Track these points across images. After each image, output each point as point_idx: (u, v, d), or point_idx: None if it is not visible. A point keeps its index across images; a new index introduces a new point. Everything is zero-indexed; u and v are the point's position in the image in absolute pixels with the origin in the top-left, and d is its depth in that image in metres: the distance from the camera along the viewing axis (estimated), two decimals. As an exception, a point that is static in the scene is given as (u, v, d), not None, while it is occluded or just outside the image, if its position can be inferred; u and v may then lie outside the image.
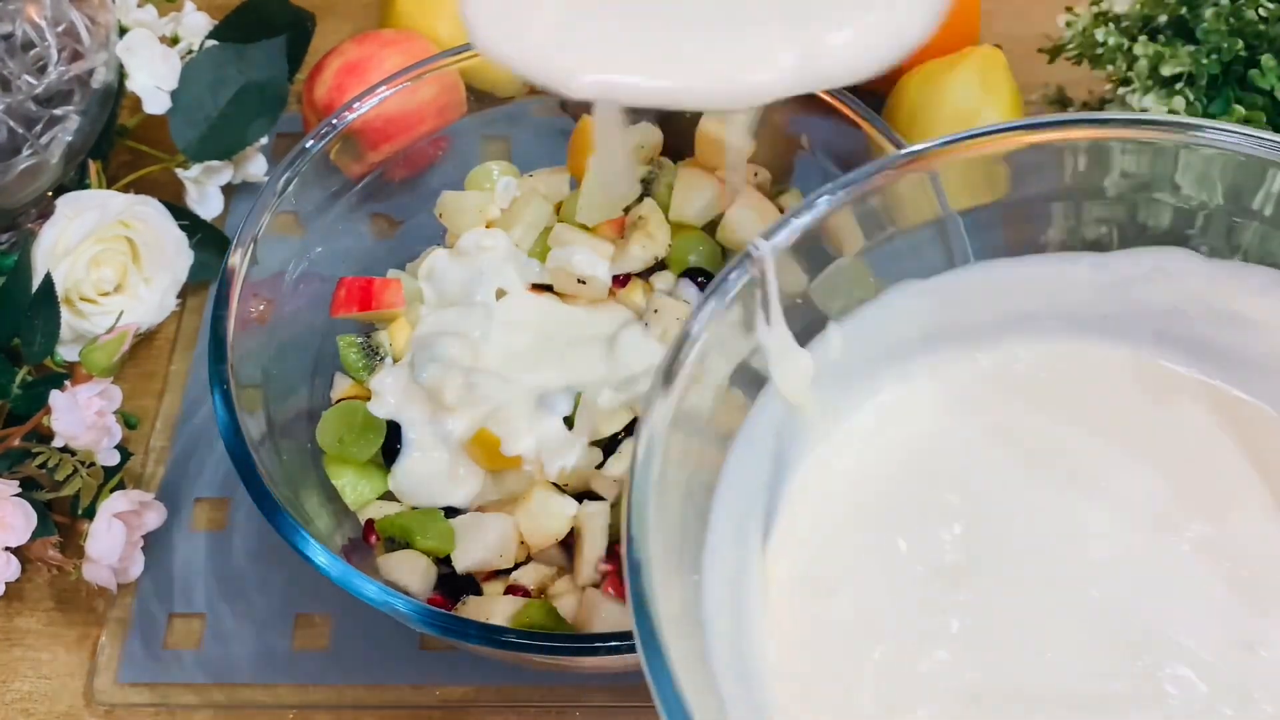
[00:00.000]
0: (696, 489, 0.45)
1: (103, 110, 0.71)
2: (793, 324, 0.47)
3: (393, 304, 0.65)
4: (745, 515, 0.47)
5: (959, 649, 0.45)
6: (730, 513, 0.46)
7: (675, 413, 0.43)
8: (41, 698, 0.63)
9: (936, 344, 0.51)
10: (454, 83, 0.68)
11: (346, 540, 0.60)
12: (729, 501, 0.46)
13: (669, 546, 0.42)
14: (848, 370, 0.49)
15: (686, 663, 0.39)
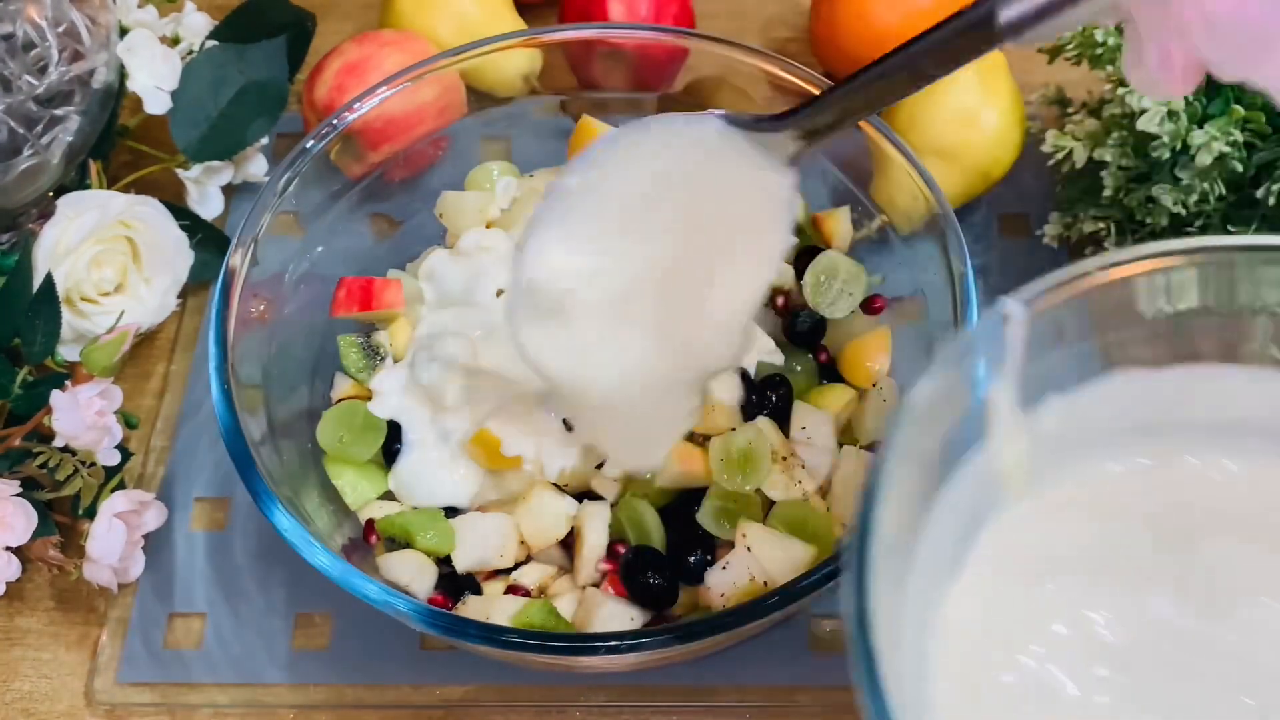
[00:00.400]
0: (907, 524, 0.45)
1: (103, 110, 0.71)
2: (1020, 387, 0.48)
3: (393, 304, 0.65)
4: (939, 557, 0.48)
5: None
6: (930, 550, 0.46)
7: (903, 455, 0.44)
8: (42, 697, 0.63)
9: (1149, 435, 0.50)
10: (454, 83, 0.68)
11: (347, 540, 0.60)
12: (932, 538, 0.46)
13: (890, 555, 0.42)
14: (1057, 443, 0.49)
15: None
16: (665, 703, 0.62)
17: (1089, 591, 0.48)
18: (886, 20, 0.76)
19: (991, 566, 0.48)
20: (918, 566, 0.45)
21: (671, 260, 0.51)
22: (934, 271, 0.61)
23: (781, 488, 0.60)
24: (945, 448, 0.46)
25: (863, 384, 0.64)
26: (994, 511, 0.49)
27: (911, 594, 0.45)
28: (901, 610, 0.44)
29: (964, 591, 0.48)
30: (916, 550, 0.46)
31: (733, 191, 0.50)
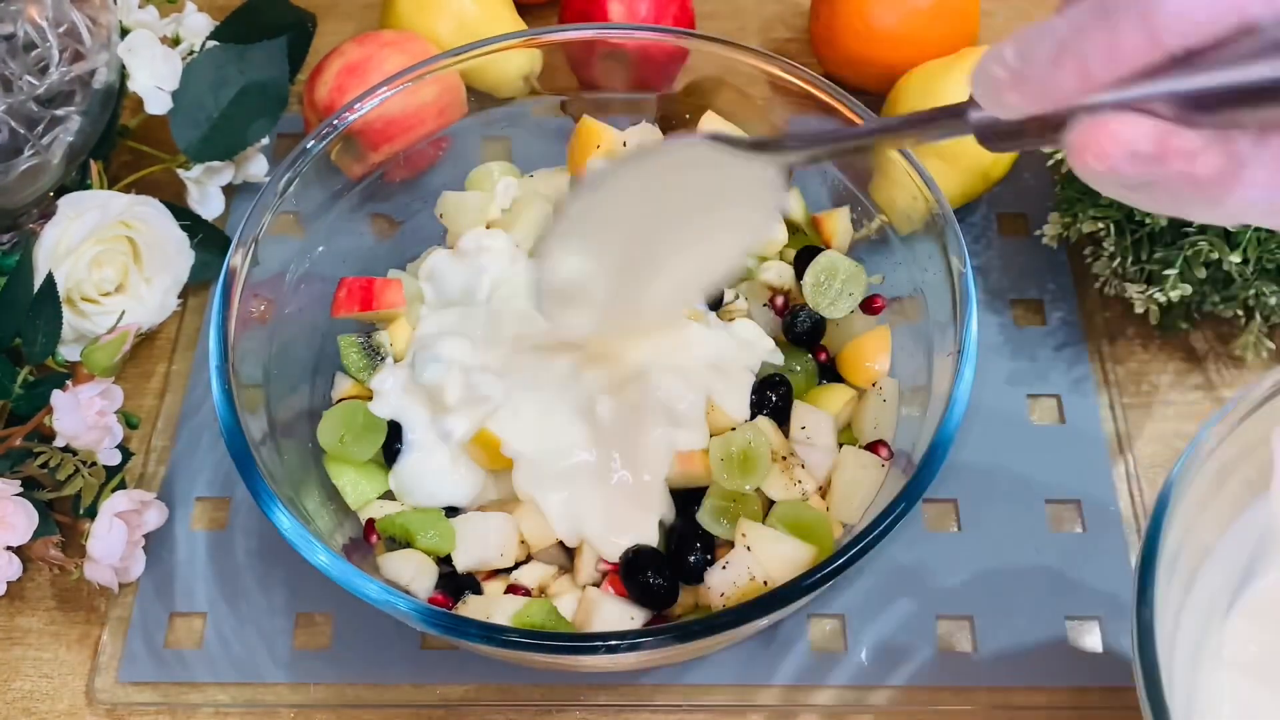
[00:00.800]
0: (1192, 556, 0.47)
1: (104, 111, 0.71)
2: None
3: (393, 304, 0.65)
4: (1219, 589, 0.49)
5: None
6: (1209, 584, 0.48)
7: (1202, 478, 0.46)
8: (43, 696, 0.63)
9: None
10: (454, 83, 0.68)
11: (347, 540, 0.60)
12: (1212, 574, 0.48)
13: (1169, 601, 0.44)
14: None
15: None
16: (665, 703, 0.62)
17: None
18: (886, 20, 0.76)
19: (1264, 608, 0.50)
20: (1194, 600, 0.47)
21: (663, 240, 0.57)
22: (933, 271, 0.61)
23: (781, 488, 0.60)
24: (1235, 497, 0.48)
25: (862, 384, 0.64)
26: (1264, 572, 0.50)
27: (1182, 639, 0.46)
28: (1175, 636, 0.45)
29: (1236, 627, 0.49)
30: (1194, 587, 0.47)
31: (714, 178, 0.54)
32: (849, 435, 0.64)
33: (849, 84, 0.71)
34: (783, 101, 0.67)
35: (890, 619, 0.63)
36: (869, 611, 0.63)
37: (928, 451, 0.54)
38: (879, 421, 0.62)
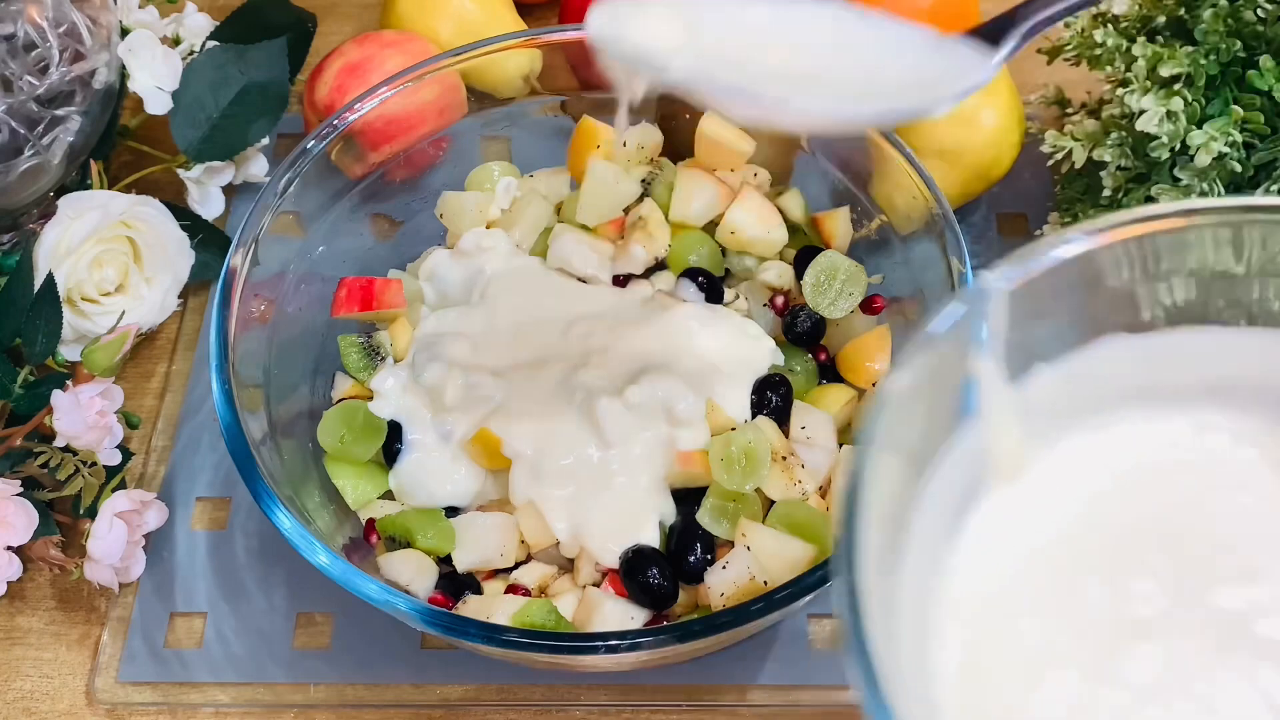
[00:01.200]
0: (899, 499, 0.45)
1: (104, 111, 0.71)
2: (1006, 359, 0.48)
3: (393, 304, 0.65)
4: (936, 532, 0.47)
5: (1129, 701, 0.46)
6: (924, 523, 0.46)
7: (892, 424, 0.43)
8: (43, 696, 0.63)
9: (1136, 402, 0.50)
10: (454, 83, 0.68)
11: (347, 540, 0.60)
12: (926, 514, 0.46)
13: (878, 549, 0.42)
14: (1047, 414, 0.49)
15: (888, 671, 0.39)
16: (665, 703, 0.62)
17: (1081, 569, 0.48)
18: (886, 21, 0.76)
19: (984, 552, 0.48)
20: (909, 558, 0.45)
21: None
22: (933, 271, 0.61)
23: (781, 488, 0.60)
24: (930, 432, 0.46)
25: (863, 384, 0.64)
26: (982, 496, 0.48)
27: (905, 585, 0.44)
28: (895, 601, 0.43)
29: (959, 567, 0.47)
30: (906, 540, 0.45)
31: None
32: (849, 435, 0.64)
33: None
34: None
35: (890, 619, 0.63)
36: (869, 611, 0.63)
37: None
38: (879, 421, 0.62)
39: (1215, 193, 0.63)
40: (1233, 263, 0.49)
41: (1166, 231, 0.48)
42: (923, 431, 0.46)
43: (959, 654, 0.46)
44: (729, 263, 0.68)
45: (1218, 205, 0.49)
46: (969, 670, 0.46)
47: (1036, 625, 0.47)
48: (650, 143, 0.69)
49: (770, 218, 0.67)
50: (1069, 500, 0.49)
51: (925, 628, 0.46)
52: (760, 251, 0.67)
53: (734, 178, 0.68)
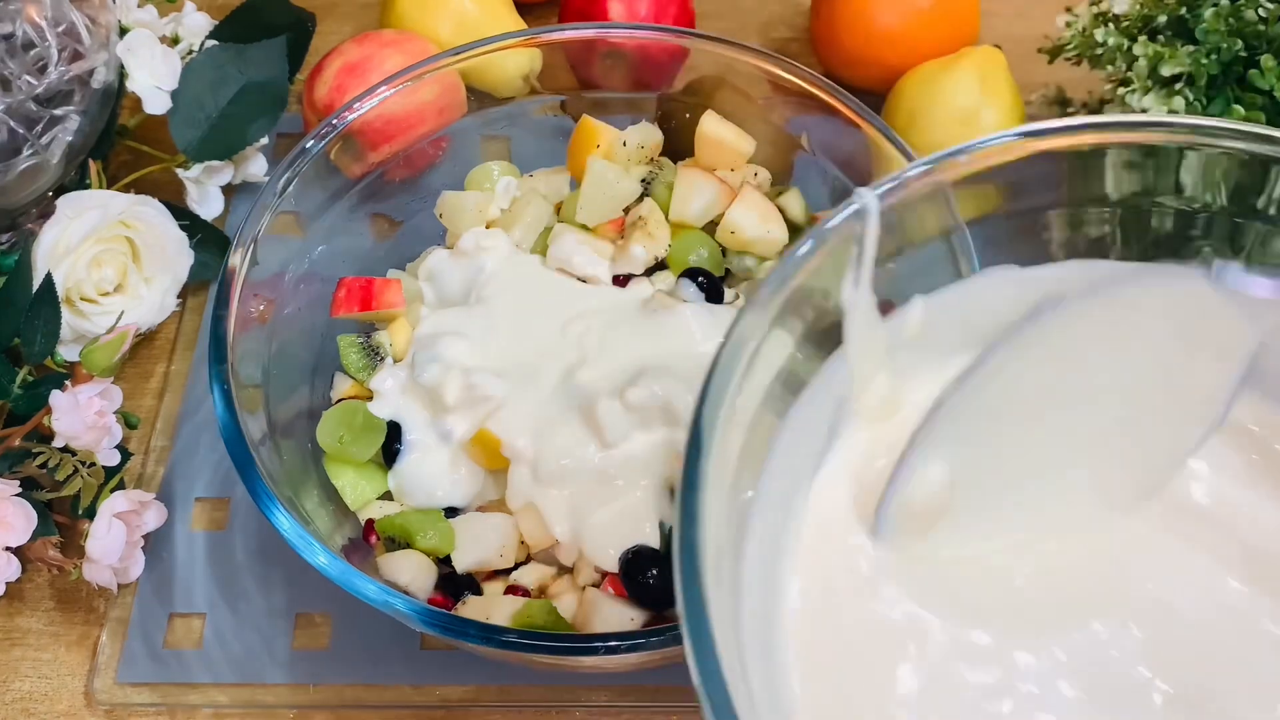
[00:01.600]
0: (761, 422, 0.43)
1: (103, 110, 0.71)
2: (878, 290, 0.45)
3: (393, 304, 0.65)
4: (799, 463, 0.45)
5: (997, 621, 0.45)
6: (787, 455, 0.44)
7: (760, 341, 0.41)
8: (42, 697, 0.63)
9: (1015, 337, 0.49)
10: (454, 83, 0.68)
11: (346, 540, 0.60)
12: (789, 443, 0.44)
13: (724, 469, 0.40)
14: (920, 349, 0.47)
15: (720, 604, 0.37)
16: (665, 703, 0.61)
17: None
18: (886, 20, 0.76)
19: (844, 487, 0.46)
20: (767, 495, 0.43)
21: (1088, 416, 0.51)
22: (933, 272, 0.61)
23: (781, 488, 0.60)
24: (794, 362, 0.44)
25: (863, 384, 0.64)
26: (846, 431, 0.47)
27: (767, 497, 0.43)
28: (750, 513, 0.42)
29: (820, 490, 0.46)
30: (767, 470, 0.43)
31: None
32: (849, 435, 0.64)
33: (849, 84, 0.71)
34: (783, 101, 0.67)
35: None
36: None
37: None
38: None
39: (1216, 192, 0.63)
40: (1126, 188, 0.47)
41: (1068, 149, 0.46)
42: (795, 350, 0.44)
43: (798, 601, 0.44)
44: (729, 263, 0.68)
45: (1123, 121, 0.47)
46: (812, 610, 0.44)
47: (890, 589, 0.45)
48: (650, 143, 0.69)
49: (770, 218, 0.67)
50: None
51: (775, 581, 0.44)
52: (760, 251, 0.67)
53: (734, 177, 0.68)
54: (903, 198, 0.45)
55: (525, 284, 0.66)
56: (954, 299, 0.48)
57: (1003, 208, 0.47)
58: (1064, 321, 0.44)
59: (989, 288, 0.48)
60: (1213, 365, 0.46)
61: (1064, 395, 0.46)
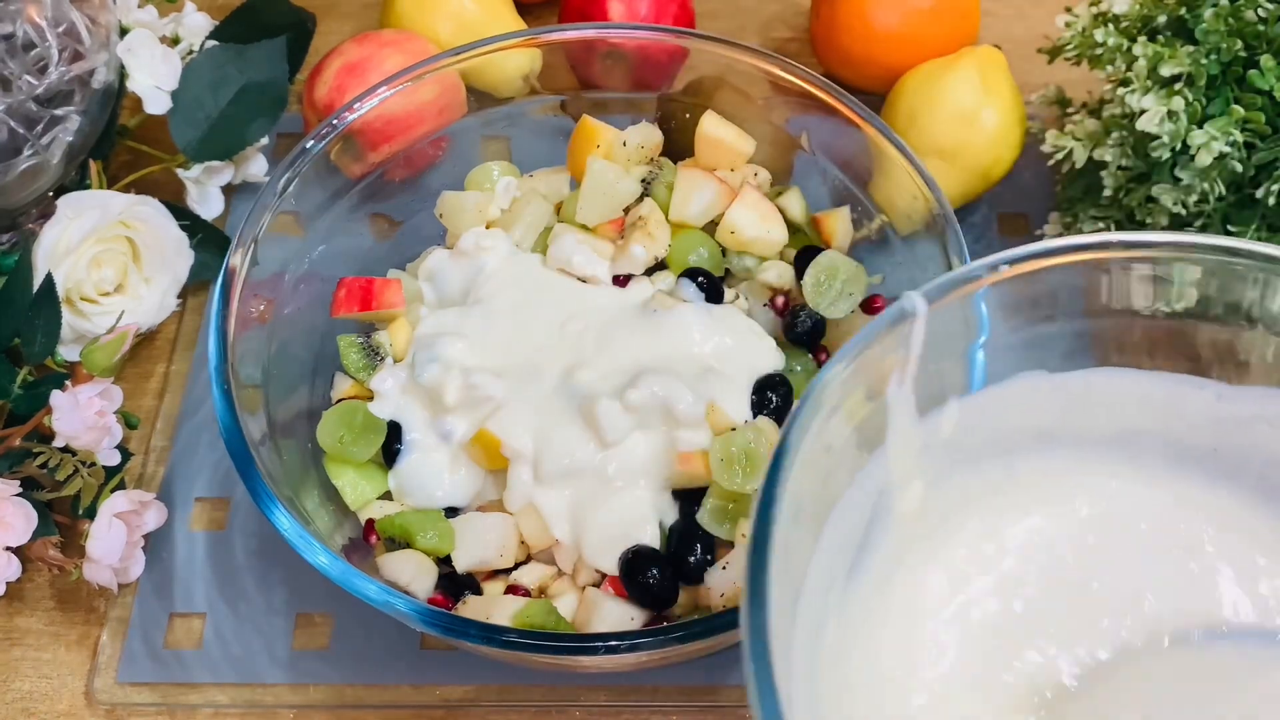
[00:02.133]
0: (809, 516, 0.44)
1: (103, 110, 0.71)
2: (917, 391, 0.46)
3: (393, 304, 0.65)
4: (838, 558, 0.46)
5: None
6: (830, 548, 0.45)
7: (815, 436, 0.42)
8: (42, 697, 0.63)
9: (1047, 447, 0.50)
10: (454, 83, 0.68)
11: (346, 540, 0.60)
12: (832, 540, 0.45)
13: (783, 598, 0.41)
14: (952, 452, 0.48)
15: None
16: (665, 703, 0.62)
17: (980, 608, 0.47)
18: (886, 20, 0.76)
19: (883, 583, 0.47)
20: (818, 564, 0.44)
21: None
22: (934, 271, 0.61)
23: (781, 488, 0.60)
24: (845, 450, 0.45)
25: (863, 384, 0.64)
26: (884, 531, 0.47)
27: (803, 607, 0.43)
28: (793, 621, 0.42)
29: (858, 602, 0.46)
30: (816, 551, 0.44)
31: None
32: (849, 435, 0.64)
33: (849, 84, 0.71)
34: (783, 101, 0.67)
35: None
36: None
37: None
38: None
39: (1216, 192, 0.63)
40: (1157, 301, 0.48)
41: (1106, 262, 0.47)
42: (844, 445, 0.44)
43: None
44: (729, 263, 0.68)
45: (1164, 240, 0.47)
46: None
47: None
48: (650, 142, 0.69)
49: (770, 217, 0.67)
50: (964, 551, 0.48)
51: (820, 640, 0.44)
52: (760, 251, 0.67)
53: (734, 177, 0.68)
54: (952, 299, 0.46)
55: (525, 284, 0.66)
56: (986, 403, 0.48)
57: (1037, 314, 0.48)
58: None
59: (1019, 393, 0.49)
60: None
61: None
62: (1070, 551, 0.48)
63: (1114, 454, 0.50)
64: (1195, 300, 0.48)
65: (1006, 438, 0.49)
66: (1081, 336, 0.49)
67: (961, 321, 0.47)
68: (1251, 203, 0.64)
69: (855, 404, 0.45)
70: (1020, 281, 0.47)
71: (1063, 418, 0.49)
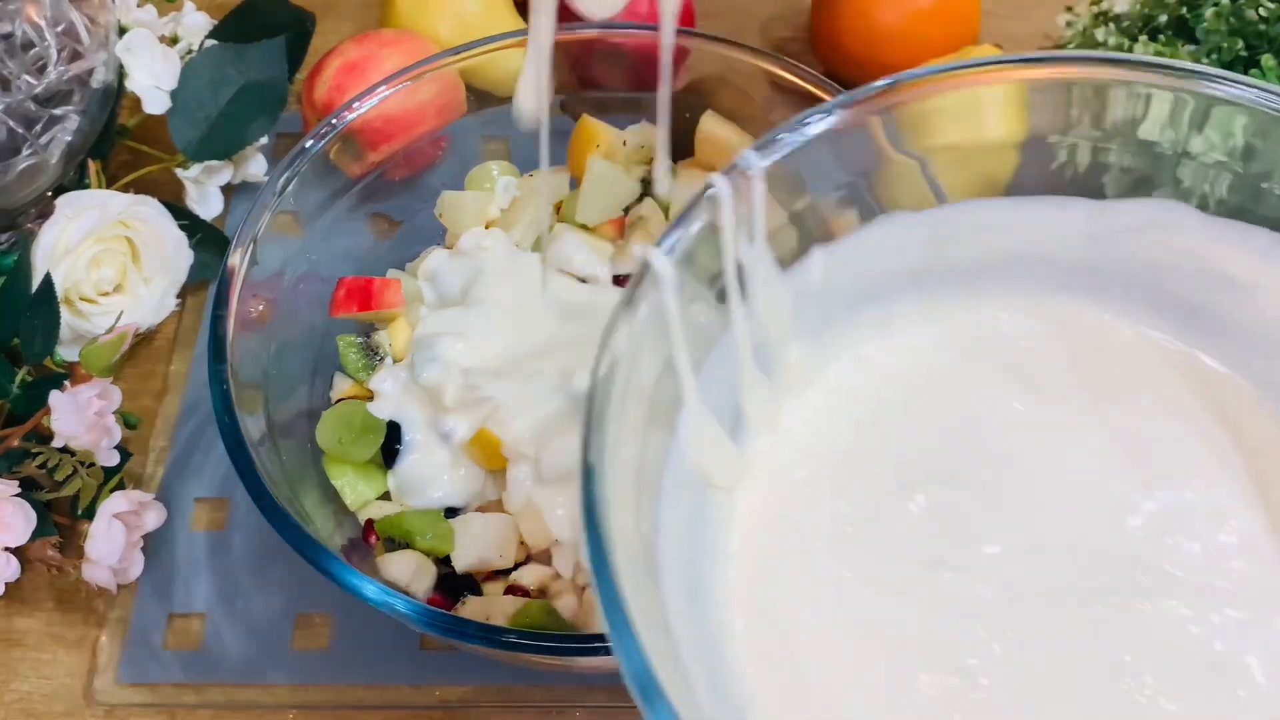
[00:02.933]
0: (660, 412, 0.43)
1: (102, 110, 0.71)
2: (775, 248, 0.46)
3: (393, 304, 0.65)
4: (711, 443, 0.46)
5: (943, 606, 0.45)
6: (694, 440, 0.44)
7: (640, 328, 0.41)
8: (41, 698, 0.63)
9: (922, 286, 0.49)
10: (454, 82, 0.68)
11: (346, 540, 0.60)
12: (694, 427, 0.44)
13: (627, 468, 0.40)
14: (829, 302, 0.48)
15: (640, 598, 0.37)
16: (665, 703, 0.61)
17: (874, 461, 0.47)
18: (887, 20, 0.76)
19: (774, 444, 0.47)
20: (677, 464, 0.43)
21: None
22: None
23: (782, 488, 0.60)
24: (697, 323, 0.44)
25: (863, 384, 0.64)
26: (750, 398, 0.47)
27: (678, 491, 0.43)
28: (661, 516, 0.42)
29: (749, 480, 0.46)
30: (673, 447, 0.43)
31: None
32: (849, 435, 0.64)
33: (849, 84, 0.70)
34: (783, 101, 0.67)
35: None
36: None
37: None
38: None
39: (1216, 192, 0.63)
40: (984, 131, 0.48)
41: (927, 96, 0.47)
42: (688, 323, 0.44)
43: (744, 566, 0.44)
44: (729, 262, 0.68)
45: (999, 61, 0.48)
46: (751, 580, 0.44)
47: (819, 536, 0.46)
48: (650, 143, 0.68)
49: (770, 217, 0.66)
50: (852, 401, 0.48)
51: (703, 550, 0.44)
52: (760, 251, 0.67)
53: (734, 177, 0.67)
54: (787, 156, 0.45)
55: (525, 284, 0.66)
56: (851, 248, 0.48)
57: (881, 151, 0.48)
58: None
59: (888, 236, 0.49)
60: None
61: None
62: (954, 384, 0.49)
63: (991, 285, 0.50)
64: (1045, 121, 0.48)
65: (878, 282, 0.49)
66: (933, 171, 0.49)
67: (800, 175, 0.46)
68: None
69: (700, 272, 0.44)
70: (850, 130, 0.47)
71: (932, 254, 0.49)
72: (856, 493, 0.47)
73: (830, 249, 0.48)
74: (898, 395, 0.49)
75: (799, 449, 0.48)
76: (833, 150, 0.47)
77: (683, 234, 0.43)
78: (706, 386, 0.45)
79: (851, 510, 0.47)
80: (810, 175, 0.47)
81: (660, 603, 0.40)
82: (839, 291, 0.49)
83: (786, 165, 0.45)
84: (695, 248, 0.44)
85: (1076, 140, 0.49)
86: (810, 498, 0.47)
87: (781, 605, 0.44)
